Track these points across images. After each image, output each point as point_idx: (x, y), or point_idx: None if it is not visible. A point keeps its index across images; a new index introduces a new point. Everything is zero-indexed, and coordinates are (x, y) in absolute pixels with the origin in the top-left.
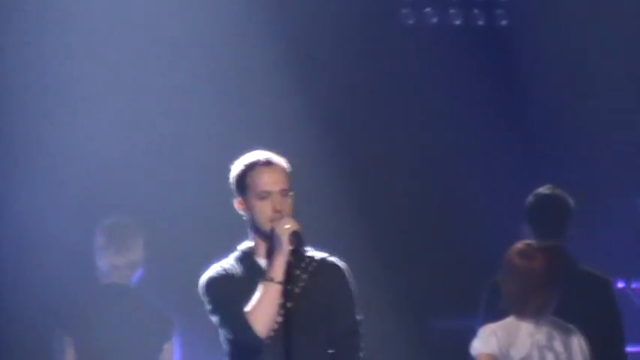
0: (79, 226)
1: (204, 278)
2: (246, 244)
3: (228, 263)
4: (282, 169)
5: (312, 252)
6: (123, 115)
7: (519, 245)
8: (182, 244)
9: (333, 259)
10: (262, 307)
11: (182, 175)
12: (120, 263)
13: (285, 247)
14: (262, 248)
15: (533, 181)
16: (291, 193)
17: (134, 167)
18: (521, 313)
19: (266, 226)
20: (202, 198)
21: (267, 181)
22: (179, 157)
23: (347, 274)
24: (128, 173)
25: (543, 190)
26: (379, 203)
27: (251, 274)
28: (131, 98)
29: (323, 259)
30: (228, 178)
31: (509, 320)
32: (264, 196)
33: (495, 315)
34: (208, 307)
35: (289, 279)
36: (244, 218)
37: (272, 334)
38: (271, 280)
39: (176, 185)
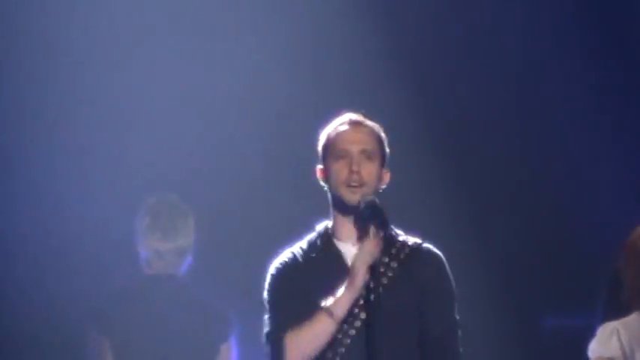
0: (114, 206)
1: (270, 268)
2: (325, 224)
3: (300, 248)
4: (369, 130)
5: (403, 236)
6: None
7: None
8: (240, 227)
9: (429, 246)
10: (306, 338)
11: (246, 147)
12: (166, 250)
13: (360, 280)
14: (344, 227)
15: None
16: (384, 168)
17: (186, 146)
18: None
19: (339, 191)
20: (268, 176)
21: (347, 139)
22: (242, 130)
23: (444, 264)
24: (179, 152)
25: None
26: (480, 188)
27: (327, 262)
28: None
29: (417, 246)
30: (300, 155)
31: (634, 317)
32: (342, 155)
33: (617, 311)
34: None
35: (375, 267)
36: (325, 189)
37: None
38: (330, 315)
39: (235, 159)
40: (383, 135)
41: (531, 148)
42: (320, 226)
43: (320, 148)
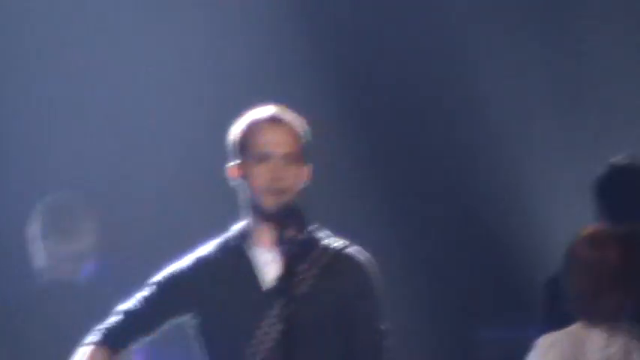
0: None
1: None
2: (241, 225)
3: (213, 248)
4: (292, 130)
5: (325, 239)
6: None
7: (588, 231)
8: (154, 229)
9: (353, 249)
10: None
11: (159, 144)
12: (64, 254)
13: None
14: (261, 232)
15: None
16: (306, 165)
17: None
18: (591, 317)
19: (260, 198)
20: (182, 176)
21: (269, 141)
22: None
23: (371, 270)
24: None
25: (619, 160)
26: (412, 188)
27: (235, 270)
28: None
29: (340, 250)
30: (218, 145)
31: (575, 328)
32: (263, 158)
33: (557, 321)
34: None
35: (289, 275)
36: (238, 189)
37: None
38: None
39: (148, 156)
40: (305, 130)
41: (467, 143)
42: (236, 227)
43: (234, 143)
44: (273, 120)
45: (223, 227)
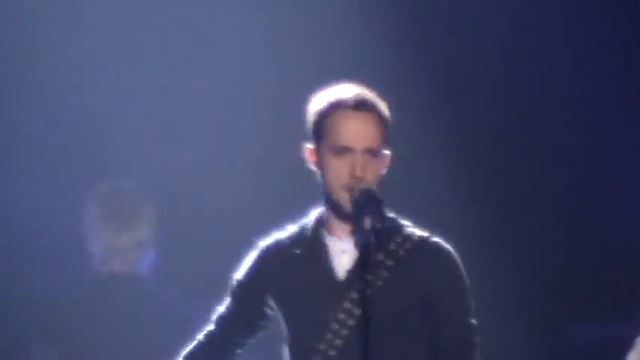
0: (61, 195)
1: (253, 250)
2: (318, 212)
3: (288, 235)
4: (376, 119)
5: (406, 229)
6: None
7: None
8: (214, 218)
9: (436, 240)
10: None
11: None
12: (123, 243)
13: None
14: (336, 225)
15: None
16: (386, 153)
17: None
18: None
19: (337, 194)
20: (244, 157)
21: (351, 132)
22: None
23: (456, 261)
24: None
25: None
26: (504, 184)
27: (311, 258)
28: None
29: (422, 240)
30: (292, 121)
31: None
32: (342, 151)
33: None
34: None
35: (366, 265)
36: (316, 174)
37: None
38: None
39: (207, 138)
40: (388, 115)
41: (561, 142)
42: (313, 214)
43: (312, 125)
44: (358, 106)
45: (292, 218)
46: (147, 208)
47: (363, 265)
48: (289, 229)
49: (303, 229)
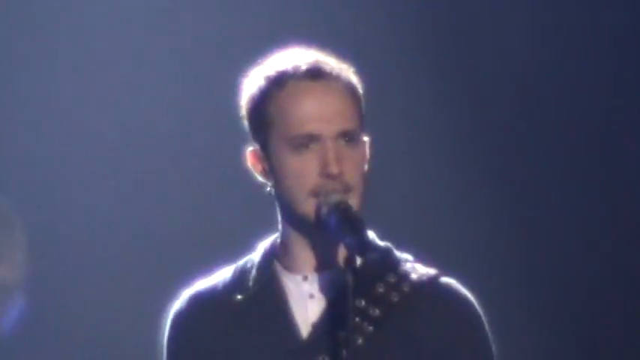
0: None
1: (170, 314)
2: (270, 242)
3: (221, 282)
4: (346, 91)
5: (404, 264)
6: None
7: None
8: (116, 254)
9: (448, 281)
10: None
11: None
12: None
13: None
14: (297, 252)
15: None
16: (364, 139)
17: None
18: None
19: (302, 206)
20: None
21: (313, 112)
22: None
23: (477, 313)
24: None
25: None
26: (531, 185)
27: (261, 306)
28: None
29: (426, 281)
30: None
31: None
32: (304, 142)
33: None
34: None
35: (343, 315)
36: (267, 189)
37: None
38: None
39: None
40: (361, 88)
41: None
42: (262, 245)
43: (250, 114)
44: (315, 74)
45: (247, 244)
46: (15, 236)
47: (337, 316)
48: (223, 272)
49: (245, 268)
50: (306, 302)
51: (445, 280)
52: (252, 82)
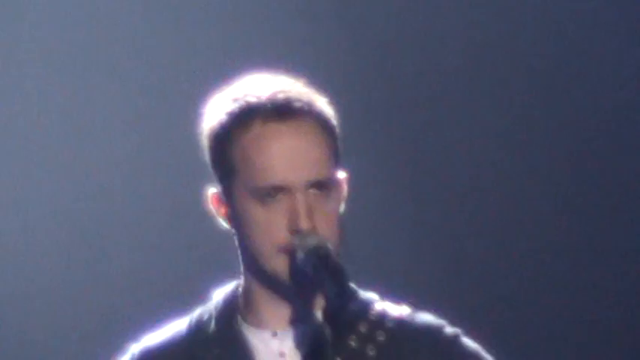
0: None
1: None
2: (230, 291)
3: (176, 337)
4: (320, 130)
5: (373, 305)
6: None
7: None
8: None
9: (428, 320)
10: None
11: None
12: None
13: None
14: (263, 307)
15: None
16: (341, 178)
17: None
18: None
19: (270, 262)
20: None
21: (281, 161)
22: None
23: (462, 347)
24: None
25: None
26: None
27: None
28: None
29: (404, 322)
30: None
31: None
32: (271, 193)
33: None
34: None
35: None
36: (233, 235)
37: None
38: None
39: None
40: (335, 123)
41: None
42: (221, 295)
43: (211, 154)
44: (283, 112)
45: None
46: None
47: None
48: (176, 325)
49: (202, 321)
50: None
51: (421, 317)
52: (214, 113)
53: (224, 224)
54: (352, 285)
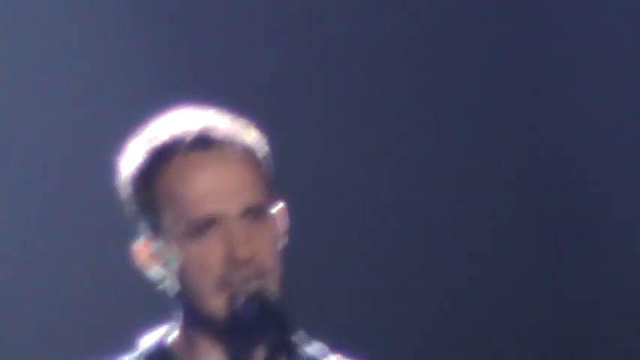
0: None
1: None
2: (159, 337)
3: None
4: (245, 157)
5: (306, 349)
6: None
7: None
8: None
9: None
10: None
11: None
12: None
13: None
14: (205, 352)
15: None
16: (278, 207)
17: None
18: None
19: (209, 303)
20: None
21: (208, 189)
22: None
23: None
24: None
25: None
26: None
27: None
28: None
29: None
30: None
31: None
32: (203, 227)
33: None
34: None
35: None
36: (165, 282)
37: None
38: None
39: None
40: (264, 150)
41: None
42: (150, 343)
43: (135, 201)
44: (206, 142)
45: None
46: None
47: None
48: None
49: None
50: None
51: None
52: (130, 160)
53: (155, 276)
54: (296, 337)
